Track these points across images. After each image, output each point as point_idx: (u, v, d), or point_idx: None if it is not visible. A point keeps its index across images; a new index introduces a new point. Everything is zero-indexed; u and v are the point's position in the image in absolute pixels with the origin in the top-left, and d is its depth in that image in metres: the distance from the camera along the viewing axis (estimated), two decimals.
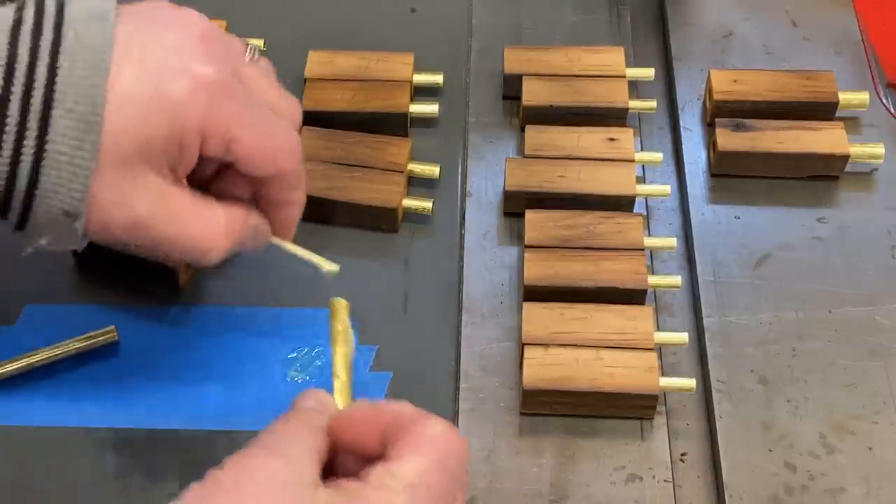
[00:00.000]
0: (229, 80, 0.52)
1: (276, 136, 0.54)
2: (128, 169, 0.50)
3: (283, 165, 0.55)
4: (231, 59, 0.54)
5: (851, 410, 0.61)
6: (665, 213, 0.71)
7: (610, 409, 0.61)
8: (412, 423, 0.46)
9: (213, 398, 0.62)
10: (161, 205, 0.52)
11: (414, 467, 0.44)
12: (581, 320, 0.62)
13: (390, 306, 0.65)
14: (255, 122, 0.53)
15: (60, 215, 0.50)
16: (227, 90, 0.52)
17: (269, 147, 0.54)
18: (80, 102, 0.48)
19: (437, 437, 0.46)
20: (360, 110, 0.72)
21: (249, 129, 0.53)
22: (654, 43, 0.80)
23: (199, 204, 0.53)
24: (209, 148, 0.52)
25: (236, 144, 0.52)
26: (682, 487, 0.59)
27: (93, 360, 0.63)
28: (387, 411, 0.47)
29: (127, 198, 0.51)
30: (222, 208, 0.55)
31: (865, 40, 0.79)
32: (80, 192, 0.49)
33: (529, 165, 0.70)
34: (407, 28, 0.80)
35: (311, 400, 0.50)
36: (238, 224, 0.55)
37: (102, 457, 0.59)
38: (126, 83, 0.49)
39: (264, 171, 0.54)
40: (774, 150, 0.70)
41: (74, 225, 0.50)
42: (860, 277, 0.67)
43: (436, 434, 0.46)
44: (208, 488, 0.44)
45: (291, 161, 0.55)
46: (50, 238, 0.51)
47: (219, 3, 0.80)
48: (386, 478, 0.44)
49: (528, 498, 0.58)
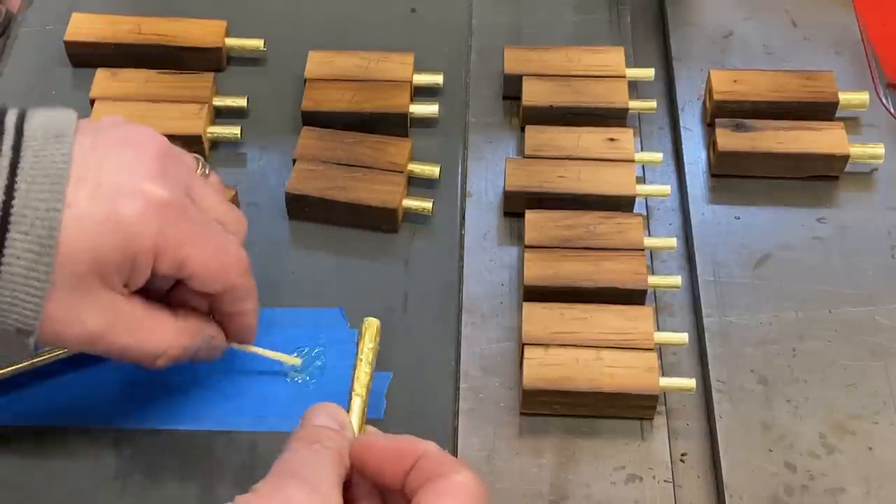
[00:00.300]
0: (182, 200, 0.53)
1: (226, 254, 0.56)
2: (81, 286, 0.51)
3: (233, 281, 0.56)
4: (184, 177, 0.55)
5: (851, 410, 0.61)
6: (665, 213, 0.71)
7: (610, 410, 0.61)
8: (439, 467, 0.47)
9: (213, 398, 0.62)
10: (113, 318, 0.53)
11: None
12: (581, 320, 0.62)
13: (390, 306, 0.65)
14: (205, 241, 0.54)
15: (13, 332, 0.51)
16: (179, 211, 0.52)
17: (219, 264, 0.55)
18: (36, 225, 0.49)
19: (466, 485, 0.46)
20: (360, 110, 0.72)
21: (200, 248, 0.54)
22: (654, 43, 0.80)
23: (150, 315, 0.55)
24: (161, 266, 0.53)
25: (188, 262, 0.53)
26: (682, 487, 0.59)
27: (93, 361, 0.62)
28: (414, 451, 0.48)
29: (80, 314, 0.51)
30: (174, 319, 0.56)
31: (865, 40, 0.79)
32: (34, 311, 0.50)
33: (529, 165, 0.70)
34: (407, 28, 0.80)
35: (324, 417, 0.51)
36: (189, 333, 0.56)
37: (102, 457, 0.60)
38: (81, 204, 0.50)
39: (215, 287, 0.56)
40: (774, 150, 0.70)
41: (27, 340, 0.51)
42: (860, 277, 0.67)
43: (464, 483, 0.46)
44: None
45: (240, 276, 0.56)
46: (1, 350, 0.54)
47: (219, 3, 0.80)
48: None
49: (528, 498, 0.58)
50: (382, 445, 0.49)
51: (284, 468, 0.47)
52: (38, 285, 0.49)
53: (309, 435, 0.50)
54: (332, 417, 0.51)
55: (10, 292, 0.49)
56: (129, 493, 0.58)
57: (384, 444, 0.49)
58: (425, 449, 0.48)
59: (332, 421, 0.51)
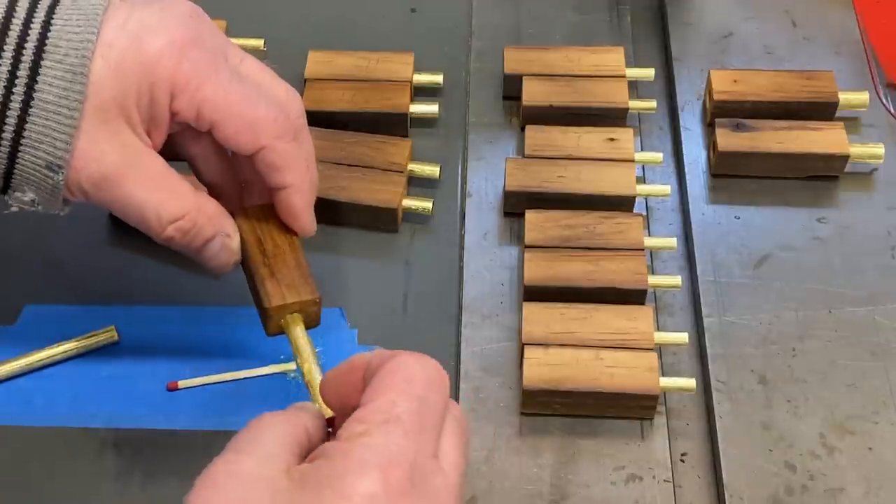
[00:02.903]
0: (209, 47, 0.53)
1: (254, 107, 0.54)
2: (105, 119, 0.51)
3: (263, 140, 0.54)
4: (220, 40, 0.54)
5: (851, 410, 0.61)
6: (665, 213, 0.71)
7: (610, 410, 0.61)
8: (380, 366, 0.44)
9: (213, 398, 0.62)
10: (132, 161, 0.52)
11: (380, 406, 0.42)
12: (581, 320, 0.62)
13: (390, 306, 0.65)
14: (230, 87, 0.53)
15: (44, 168, 0.51)
16: (203, 52, 0.52)
17: (246, 116, 0.53)
18: (70, 55, 0.50)
19: (400, 368, 0.43)
20: (360, 110, 0.72)
21: (223, 93, 0.53)
22: (654, 43, 0.80)
23: (170, 175, 0.54)
24: (180, 104, 0.52)
25: (208, 105, 0.52)
26: (682, 487, 0.59)
27: (93, 360, 0.63)
28: (359, 362, 0.45)
29: (101, 148, 0.51)
30: (194, 192, 0.54)
31: (865, 40, 0.79)
32: (65, 142, 0.51)
33: (529, 165, 0.70)
34: (407, 28, 0.80)
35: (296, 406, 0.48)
36: (207, 214, 0.55)
37: (102, 457, 0.60)
38: (109, 35, 0.51)
39: (240, 144, 0.54)
40: (774, 150, 0.70)
41: (57, 179, 0.51)
42: (860, 277, 0.67)
43: (398, 366, 0.43)
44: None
45: (274, 137, 0.54)
46: (33, 195, 0.52)
47: (219, 3, 0.80)
48: (354, 426, 0.42)
49: (528, 498, 0.58)
50: (335, 373, 0.46)
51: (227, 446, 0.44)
52: (69, 113, 0.50)
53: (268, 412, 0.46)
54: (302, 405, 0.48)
55: (43, 120, 0.50)
56: (129, 493, 0.58)
57: (336, 372, 0.46)
58: (369, 356, 0.45)
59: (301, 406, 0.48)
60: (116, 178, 0.52)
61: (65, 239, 0.68)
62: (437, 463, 0.42)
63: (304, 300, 0.55)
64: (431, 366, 0.44)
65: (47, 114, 0.50)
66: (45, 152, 0.51)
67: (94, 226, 0.69)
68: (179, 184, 0.54)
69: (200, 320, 0.65)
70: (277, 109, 0.55)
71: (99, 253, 0.68)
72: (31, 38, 0.50)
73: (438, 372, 0.44)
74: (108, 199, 0.53)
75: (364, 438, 0.41)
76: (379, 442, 0.41)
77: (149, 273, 0.67)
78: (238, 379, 0.62)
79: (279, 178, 0.56)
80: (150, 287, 0.66)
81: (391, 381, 0.43)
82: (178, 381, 0.62)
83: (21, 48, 0.50)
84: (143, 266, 0.67)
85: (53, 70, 0.50)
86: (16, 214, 0.53)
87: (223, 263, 0.57)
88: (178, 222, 0.54)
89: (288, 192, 0.57)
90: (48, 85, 0.50)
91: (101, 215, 0.69)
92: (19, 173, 0.52)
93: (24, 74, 0.50)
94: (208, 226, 0.55)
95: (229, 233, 0.56)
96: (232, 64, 0.55)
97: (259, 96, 0.54)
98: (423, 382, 0.43)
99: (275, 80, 0.57)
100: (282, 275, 0.56)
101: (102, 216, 0.69)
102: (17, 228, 0.68)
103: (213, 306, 0.65)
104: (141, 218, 0.53)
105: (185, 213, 0.54)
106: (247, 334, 0.64)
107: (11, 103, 0.50)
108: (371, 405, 0.42)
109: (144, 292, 0.66)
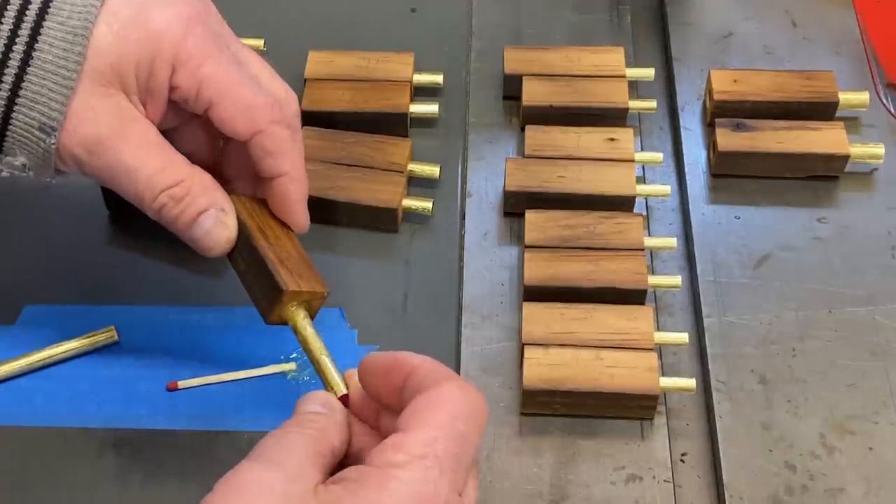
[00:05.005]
0: (215, 31, 0.53)
1: (254, 93, 0.54)
2: (101, 84, 0.51)
3: (260, 125, 0.54)
4: (225, 29, 0.55)
5: (851, 410, 0.61)
6: (665, 213, 0.71)
7: (610, 410, 0.61)
8: (427, 380, 0.44)
9: (212, 398, 0.62)
10: (125, 126, 0.52)
11: (422, 439, 0.42)
12: (581, 320, 0.62)
13: (390, 306, 0.66)
14: (231, 71, 0.53)
15: (36, 130, 0.51)
16: (208, 31, 0.53)
17: (244, 99, 0.53)
18: (73, 17, 0.50)
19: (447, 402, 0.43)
20: (360, 110, 0.72)
21: (224, 75, 0.53)
22: (654, 43, 0.80)
23: (164, 146, 0.53)
24: (179, 79, 0.52)
25: (207, 84, 0.52)
26: (682, 487, 0.59)
27: (93, 360, 0.63)
28: (405, 366, 0.45)
29: (94, 109, 0.51)
30: (189, 164, 0.54)
31: (865, 40, 0.79)
32: (60, 102, 0.50)
33: (529, 165, 0.70)
34: (407, 28, 0.80)
35: (312, 404, 0.48)
36: (201, 185, 0.54)
37: (102, 457, 0.60)
38: (114, 5, 0.51)
39: (237, 126, 0.54)
40: (774, 150, 0.70)
41: (49, 141, 0.51)
42: (860, 277, 0.67)
43: (446, 399, 0.43)
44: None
45: (270, 122, 0.54)
46: (25, 159, 0.52)
47: (219, 4, 0.80)
48: (391, 454, 0.42)
49: (528, 498, 0.58)
50: (375, 364, 0.47)
51: (249, 455, 0.45)
52: (67, 74, 0.50)
53: (293, 422, 0.47)
54: (321, 403, 0.48)
55: (39, 80, 0.50)
56: (129, 493, 0.58)
57: (377, 363, 0.47)
58: (416, 363, 0.45)
59: (321, 407, 0.48)
60: (110, 141, 0.52)
61: (65, 239, 0.68)
62: (462, 501, 0.43)
63: (315, 291, 0.55)
64: (477, 402, 0.44)
65: (45, 73, 0.50)
66: (40, 112, 0.51)
67: (94, 226, 0.69)
68: (174, 153, 0.54)
69: (200, 320, 0.65)
70: (271, 99, 0.55)
71: (99, 253, 0.68)
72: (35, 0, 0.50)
73: (481, 409, 0.45)
74: (99, 166, 0.52)
75: (400, 471, 0.42)
76: (417, 478, 0.41)
77: (149, 273, 0.67)
78: (238, 379, 0.62)
79: (275, 165, 0.55)
80: (150, 287, 0.66)
81: (435, 414, 0.43)
82: (177, 382, 0.62)
83: (25, 8, 0.50)
84: (143, 266, 0.67)
85: (55, 31, 0.50)
86: (16, 214, 0.53)
87: (216, 240, 0.55)
88: (171, 189, 0.53)
89: (283, 180, 0.56)
90: (48, 45, 0.50)
91: (101, 215, 0.69)
92: (12, 135, 0.51)
93: (26, 34, 0.50)
94: (202, 196, 0.54)
95: (224, 207, 0.55)
96: (233, 51, 0.55)
97: (256, 83, 0.55)
98: (466, 420, 0.44)
99: (274, 77, 0.57)
100: (291, 263, 0.55)
101: (103, 216, 0.69)
102: (18, 228, 0.68)
103: (213, 306, 0.65)
104: (133, 186, 0.53)
105: (180, 181, 0.53)
106: (246, 334, 0.64)
107: (10, 61, 0.50)
108: (412, 436, 0.43)
109: (144, 292, 0.66)
